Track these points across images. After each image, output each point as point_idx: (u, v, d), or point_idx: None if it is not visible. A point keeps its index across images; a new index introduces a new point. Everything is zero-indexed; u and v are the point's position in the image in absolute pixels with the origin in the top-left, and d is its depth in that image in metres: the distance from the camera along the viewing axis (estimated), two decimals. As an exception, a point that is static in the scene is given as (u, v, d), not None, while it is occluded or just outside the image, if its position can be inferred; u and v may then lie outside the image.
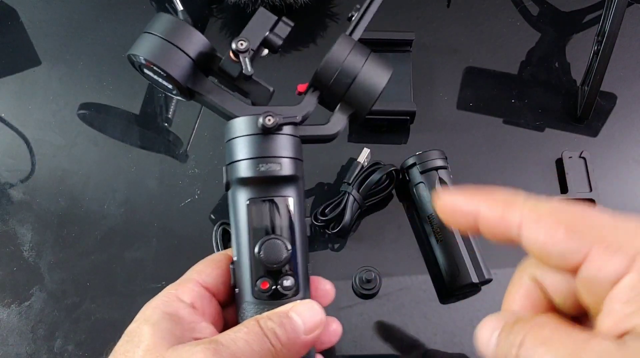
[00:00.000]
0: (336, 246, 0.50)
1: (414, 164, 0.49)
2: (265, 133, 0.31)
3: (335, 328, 0.35)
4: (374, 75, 0.34)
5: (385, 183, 0.50)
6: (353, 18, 0.36)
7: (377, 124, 0.53)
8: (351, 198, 0.47)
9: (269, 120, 0.30)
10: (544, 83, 0.57)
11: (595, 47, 0.51)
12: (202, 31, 0.61)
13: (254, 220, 0.31)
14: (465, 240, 0.47)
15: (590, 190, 0.51)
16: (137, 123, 0.57)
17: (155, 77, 0.34)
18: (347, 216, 0.47)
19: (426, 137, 0.54)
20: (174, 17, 0.33)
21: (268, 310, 0.29)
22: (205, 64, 0.34)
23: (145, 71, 0.34)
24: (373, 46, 0.56)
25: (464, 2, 0.61)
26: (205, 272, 0.33)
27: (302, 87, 0.36)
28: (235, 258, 0.32)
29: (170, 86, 0.34)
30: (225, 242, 0.49)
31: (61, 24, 0.62)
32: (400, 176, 0.51)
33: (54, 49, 0.60)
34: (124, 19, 0.62)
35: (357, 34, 0.36)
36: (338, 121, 0.35)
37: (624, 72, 0.57)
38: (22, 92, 0.58)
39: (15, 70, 0.59)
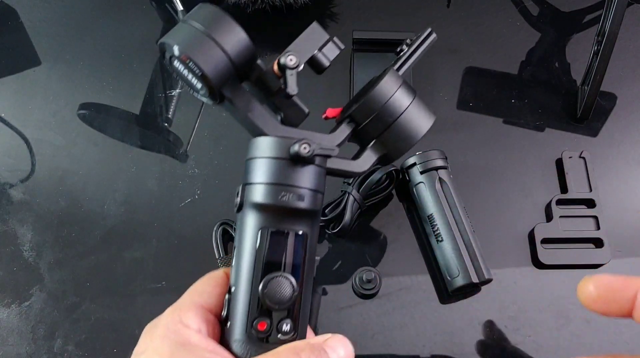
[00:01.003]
0: (336, 246, 0.50)
1: (414, 164, 0.49)
2: (295, 160, 0.28)
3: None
4: (416, 120, 0.32)
5: (385, 183, 0.50)
6: (402, 53, 0.34)
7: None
8: (351, 198, 0.47)
9: (305, 149, 0.28)
10: (544, 83, 0.57)
11: (595, 47, 0.51)
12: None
13: (263, 252, 0.28)
14: (466, 240, 0.47)
15: (590, 190, 0.51)
16: (137, 123, 0.57)
17: (186, 72, 0.29)
18: (347, 216, 0.47)
19: (426, 137, 0.54)
20: (221, 11, 0.29)
21: (257, 353, 0.27)
22: (243, 69, 0.30)
23: (176, 64, 0.29)
24: (373, 45, 0.56)
25: (464, 2, 0.61)
26: (207, 292, 0.30)
27: (332, 112, 0.33)
28: (233, 289, 0.29)
29: (199, 86, 0.29)
30: (225, 242, 0.49)
31: (61, 24, 0.62)
32: (400, 176, 0.51)
33: (54, 49, 0.60)
34: (124, 19, 0.62)
35: (403, 71, 0.33)
36: (368, 160, 0.32)
37: (624, 72, 0.57)
38: (22, 92, 0.58)
39: (15, 70, 0.59)
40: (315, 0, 0.58)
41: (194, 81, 0.29)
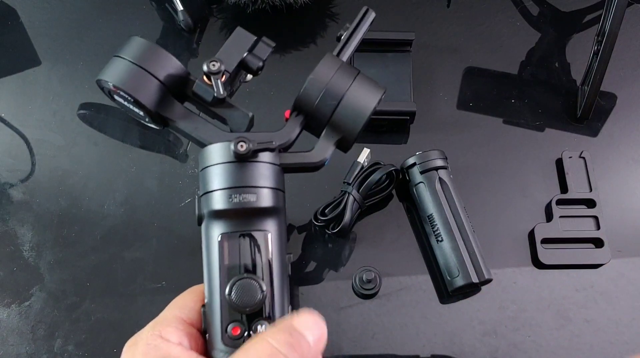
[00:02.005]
0: (336, 246, 0.50)
1: (414, 164, 0.49)
2: (240, 161, 0.28)
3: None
4: (362, 96, 0.31)
5: (385, 183, 0.50)
6: (342, 37, 0.34)
7: (377, 124, 0.53)
8: (351, 198, 0.48)
9: (242, 146, 0.28)
10: (544, 83, 0.57)
11: (595, 47, 0.51)
12: (202, 31, 0.61)
13: (225, 257, 0.28)
14: (466, 240, 0.47)
15: (590, 190, 0.51)
16: (137, 123, 0.57)
17: (126, 104, 0.31)
18: (347, 216, 0.47)
19: (426, 137, 0.55)
20: (146, 41, 0.31)
21: None
22: (178, 89, 0.31)
23: (116, 97, 0.31)
24: (373, 45, 0.56)
25: (464, 2, 0.61)
26: (188, 306, 0.30)
27: (288, 113, 0.33)
28: (206, 300, 0.29)
29: (141, 113, 0.31)
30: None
31: (61, 24, 0.62)
32: (400, 176, 0.51)
33: (54, 49, 0.60)
34: (124, 19, 0.62)
35: (345, 55, 0.33)
36: (324, 148, 0.31)
37: (624, 72, 0.57)
38: (22, 92, 0.58)
39: (15, 70, 0.59)
40: (315, 0, 0.58)
41: (135, 109, 0.31)
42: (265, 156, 0.29)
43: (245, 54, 0.32)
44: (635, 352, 0.46)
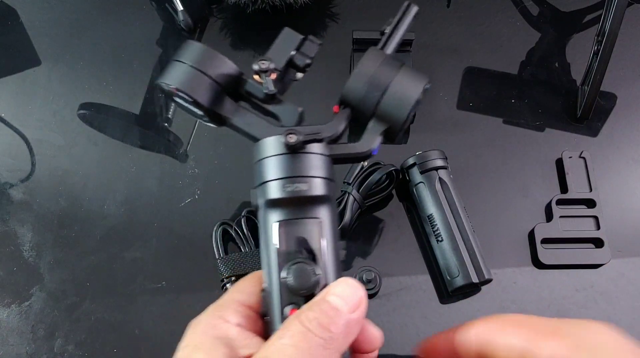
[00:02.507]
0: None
1: (414, 164, 0.49)
2: (291, 152, 0.30)
3: (373, 332, 0.32)
4: (406, 86, 0.32)
5: (385, 183, 0.50)
6: (385, 31, 0.35)
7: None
8: (351, 198, 0.48)
9: (291, 138, 0.29)
10: (544, 83, 0.57)
11: (595, 47, 0.51)
12: (202, 31, 0.61)
13: (281, 243, 0.30)
14: (466, 240, 0.47)
15: (590, 190, 0.51)
16: (137, 123, 0.57)
17: (185, 104, 0.34)
18: (347, 216, 0.47)
19: (426, 137, 0.55)
20: (201, 44, 0.33)
21: None
22: (233, 88, 0.33)
23: (175, 98, 0.34)
24: (373, 45, 0.56)
25: (464, 2, 0.61)
26: (247, 291, 0.32)
27: (337, 107, 0.35)
28: (265, 285, 0.31)
29: (200, 112, 0.33)
30: (225, 242, 0.49)
31: (61, 24, 0.62)
32: (400, 176, 0.51)
33: (54, 49, 0.60)
34: (124, 19, 0.62)
35: (389, 49, 0.34)
36: (370, 139, 0.33)
37: (624, 72, 0.57)
38: (22, 92, 0.58)
39: (15, 70, 0.59)
40: (315, 0, 0.58)
41: (194, 108, 0.33)
42: (315, 147, 0.31)
43: (293, 53, 0.34)
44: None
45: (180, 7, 0.58)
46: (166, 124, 0.57)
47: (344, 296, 0.28)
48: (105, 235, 0.51)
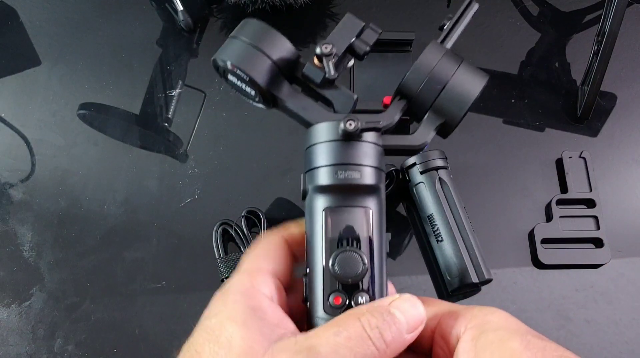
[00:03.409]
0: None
1: (414, 164, 0.49)
2: (346, 139, 0.30)
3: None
4: (467, 82, 0.32)
5: (385, 183, 0.50)
6: (445, 27, 0.35)
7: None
8: (351, 198, 0.47)
9: (350, 124, 0.29)
10: (544, 83, 0.57)
11: (595, 47, 0.51)
12: (202, 31, 0.61)
13: (329, 230, 0.29)
14: (466, 240, 0.47)
15: (590, 190, 0.51)
16: (137, 123, 0.57)
17: (239, 83, 0.33)
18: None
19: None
20: (262, 22, 0.32)
21: None
22: (289, 70, 0.33)
23: (229, 76, 0.33)
24: (373, 45, 0.56)
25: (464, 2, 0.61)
26: (271, 257, 0.30)
27: (387, 99, 0.34)
28: (308, 270, 0.30)
29: (252, 92, 0.33)
30: (225, 242, 0.49)
31: (61, 24, 0.62)
32: (400, 176, 0.51)
33: (54, 49, 0.60)
34: (124, 19, 0.62)
35: (450, 43, 0.34)
36: (425, 132, 0.32)
37: (624, 72, 0.57)
38: (22, 92, 0.58)
39: (15, 70, 0.59)
40: (315, 0, 0.58)
41: (247, 88, 0.32)
42: (369, 136, 0.30)
43: (353, 39, 0.33)
44: (636, 352, 0.46)
45: (180, 7, 0.58)
46: (166, 124, 0.57)
47: (407, 314, 0.27)
48: (105, 235, 0.51)
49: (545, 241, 0.49)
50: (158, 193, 0.53)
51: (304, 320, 0.30)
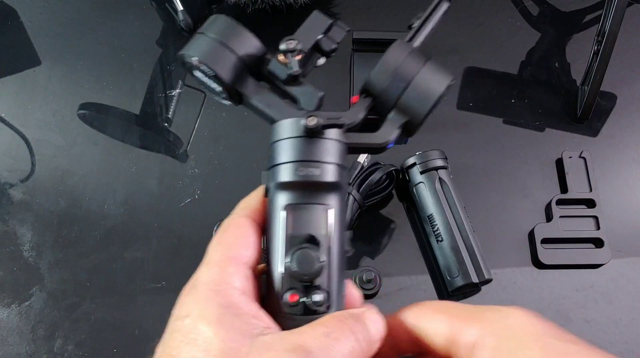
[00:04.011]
0: (336, 246, 0.50)
1: (414, 164, 0.49)
2: (308, 136, 0.29)
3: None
4: (431, 81, 0.32)
5: (385, 183, 0.50)
6: (413, 26, 0.35)
7: (377, 124, 0.53)
8: (351, 198, 0.47)
9: (312, 121, 0.29)
10: (544, 83, 0.57)
11: (595, 47, 0.51)
12: (202, 31, 0.61)
13: (288, 228, 0.29)
14: (466, 240, 0.47)
15: (590, 190, 0.51)
16: (137, 123, 0.57)
17: (205, 78, 0.33)
18: (347, 216, 0.47)
19: (426, 137, 0.54)
20: (230, 18, 0.32)
21: (295, 327, 0.26)
22: (256, 67, 0.33)
23: (195, 72, 0.33)
24: (373, 45, 0.56)
25: (464, 2, 0.61)
26: (238, 244, 0.29)
27: (355, 98, 0.34)
28: (268, 267, 0.30)
29: (218, 88, 0.33)
30: (225, 242, 0.49)
31: (61, 24, 0.62)
32: (400, 176, 0.51)
33: (54, 49, 0.60)
34: (124, 19, 0.62)
35: (417, 42, 0.34)
36: (389, 130, 0.32)
37: (624, 72, 0.57)
38: (22, 92, 0.58)
39: (15, 70, 0.59)
40: (315, 0, 0.58)
41: (213, 84, 0.32)
42: (332, 133, 0.30)
43: (320, 36, 0.33)
44: (636, 352, 0.46)
45: (180, 7, 0.58)
46: (166, 124, 0.57)
47: (377, 325, 0.27)
48: (105, 235, 0.51)
49: (545, 241, 0.49)
50: (158, 193, 0.53)
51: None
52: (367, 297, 0.48)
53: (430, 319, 0.28)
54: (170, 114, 0.57)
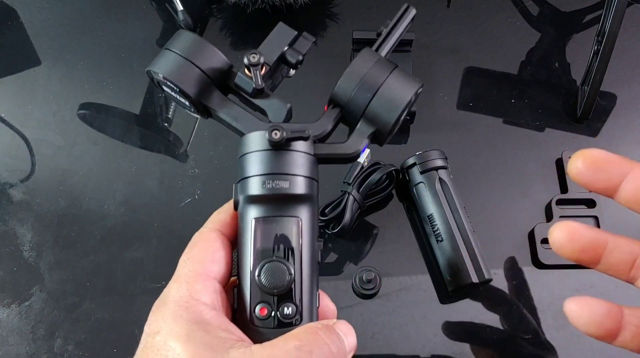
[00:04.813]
0: (336, 246, 0.50)
1: (414, 164, 0.49)
2: (275, 149, 0.29)
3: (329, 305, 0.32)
4: (398, 89, 0.32)
5: (385, 183, 0.50)
6: (382, 33, 0.34)
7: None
8: (351, 198, 0.48)
9: (276, 134, 0.29)
10: (544, 83, 0.57)
11: (595, 47, 0.51)
12: (202, 31, 0.61)
13: (257, 241, 0.29)
14: (466, 240, 0.47)
15: (590, 190, 0.51)
16: (137, 123, 0.57)
17: (173, 94, 0.33)
18: (347, 216, 0.47)
19: (426, 137, 0.55)
20: (194, 34, 0.33)
21: (266, 340, 0.26)
22: (222, 81, 0.33)
23: (164, 87, 0.33)
24: (372, 46, 0.56)
25: (464, 2, 0.61)
26: (207, 259, 0.29)
27: (327, 107, 0.34)
28: (238, 281, 0.30)
29: (187, 103, 0.33)
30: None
31: (61, 24, 0.62)
32: (400, 176, 0.51)
33: (54, 49, 0.60)
34: (124, 19, 0.62)
35: (384, 51, 0.34)
36: (357, 140, 0.32)
37: (624, 72, 0.57)
38: (22, 92, 0.58)
39: (15, 70, 0.59)
40: (315, 0, 0.58)
41: (181, 99, 0.33)
42: (299, 145, 0.30)
43: (285, 48, 0.33)
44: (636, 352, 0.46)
45: (180, 7, 0.58)
46: (166, 124, 0.57)
47: (347, 333, 0.27)
48: (105, 235, 0.51)
49: (545, 241, 0.49)
50: (158, 193, 0.53)
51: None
52: (367, 297, 0.48)
53: None
54: (170, 114, 0.57)
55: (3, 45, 0.61)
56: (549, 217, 0.51)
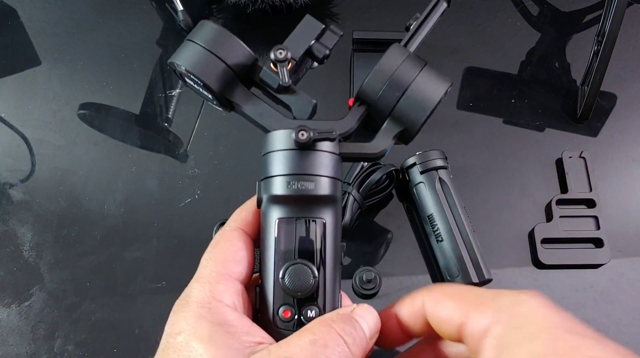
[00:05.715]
0: (336, 246, 0.50)
1: (414, 164, 0.49)
2: (300, 149, 0.29)
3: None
4: (428, 88, 0.31)
5: (385, 183, 0.50)
6: (411, 27, 0.33)
7: (377, 124, 0.53)
8: (351, 198, 0.47)
9: (302, 135, 0.28)
10: (544, 83, 0.57)
11: (595, 47, 0.51)
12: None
13: (281, 242, 0.29)
14: (466, 240, 0.47)
15: (590, 190, 0.51)
16: (137, 123, 0.57)
17: (195, 86, 0.32)
18: (347, 216, 0.47)
19: (426, 137, 0.54)
20: (217, 25, 0.31)
21: None
22: (246, 75, 0.32)
23: (186, 79, 0.32)
24: (372, 45, 0.56)
25: (464, 2, 0.61)
26: (230, 260, 0.29)
27: (352, 101, 0.33)
28: (261, 281, 0.30)
29: (210, 96, 0.32)
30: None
31: (61, 24, 0.62)
32: (400, 176, 0.51)
33: (54, 49, 0.60)
34: (124, 19, 0.62)
35: (413, 46, 0.33)
36: (384, 139, 0.31)
37: (624, 72, 0.57)
38: (22, 92, 0.58)
39: (15, 70, 0.59)
40: (315, 0, 0.58)
41: (204, 91, 0.32)
42: (325, 145, 0.29)
43: (312, 42, 0.32)
44: (636, 351, 0.46)
45: (180, 7, 0.58)
46: (166, 124, 0.57)
47: (369, 321, 0.27)
48: (105, 235, 0.51)
49: (545, 241, 0.49)
50: (158, 193, 0.53)
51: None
52: (367, 297, 0.48)
53: (441, 304, 0.28)
54: (170, 114, 0.57)
55: (3, 45, 0.61)
56: (549, 217, 0.51)
